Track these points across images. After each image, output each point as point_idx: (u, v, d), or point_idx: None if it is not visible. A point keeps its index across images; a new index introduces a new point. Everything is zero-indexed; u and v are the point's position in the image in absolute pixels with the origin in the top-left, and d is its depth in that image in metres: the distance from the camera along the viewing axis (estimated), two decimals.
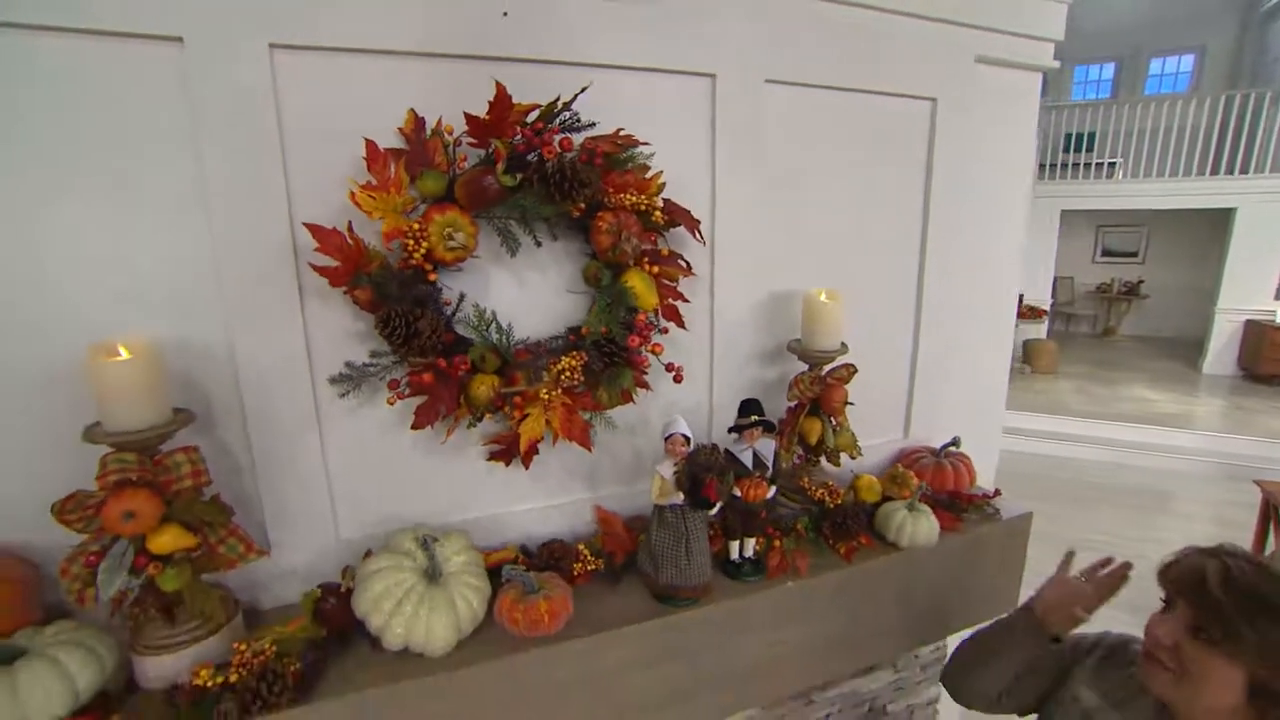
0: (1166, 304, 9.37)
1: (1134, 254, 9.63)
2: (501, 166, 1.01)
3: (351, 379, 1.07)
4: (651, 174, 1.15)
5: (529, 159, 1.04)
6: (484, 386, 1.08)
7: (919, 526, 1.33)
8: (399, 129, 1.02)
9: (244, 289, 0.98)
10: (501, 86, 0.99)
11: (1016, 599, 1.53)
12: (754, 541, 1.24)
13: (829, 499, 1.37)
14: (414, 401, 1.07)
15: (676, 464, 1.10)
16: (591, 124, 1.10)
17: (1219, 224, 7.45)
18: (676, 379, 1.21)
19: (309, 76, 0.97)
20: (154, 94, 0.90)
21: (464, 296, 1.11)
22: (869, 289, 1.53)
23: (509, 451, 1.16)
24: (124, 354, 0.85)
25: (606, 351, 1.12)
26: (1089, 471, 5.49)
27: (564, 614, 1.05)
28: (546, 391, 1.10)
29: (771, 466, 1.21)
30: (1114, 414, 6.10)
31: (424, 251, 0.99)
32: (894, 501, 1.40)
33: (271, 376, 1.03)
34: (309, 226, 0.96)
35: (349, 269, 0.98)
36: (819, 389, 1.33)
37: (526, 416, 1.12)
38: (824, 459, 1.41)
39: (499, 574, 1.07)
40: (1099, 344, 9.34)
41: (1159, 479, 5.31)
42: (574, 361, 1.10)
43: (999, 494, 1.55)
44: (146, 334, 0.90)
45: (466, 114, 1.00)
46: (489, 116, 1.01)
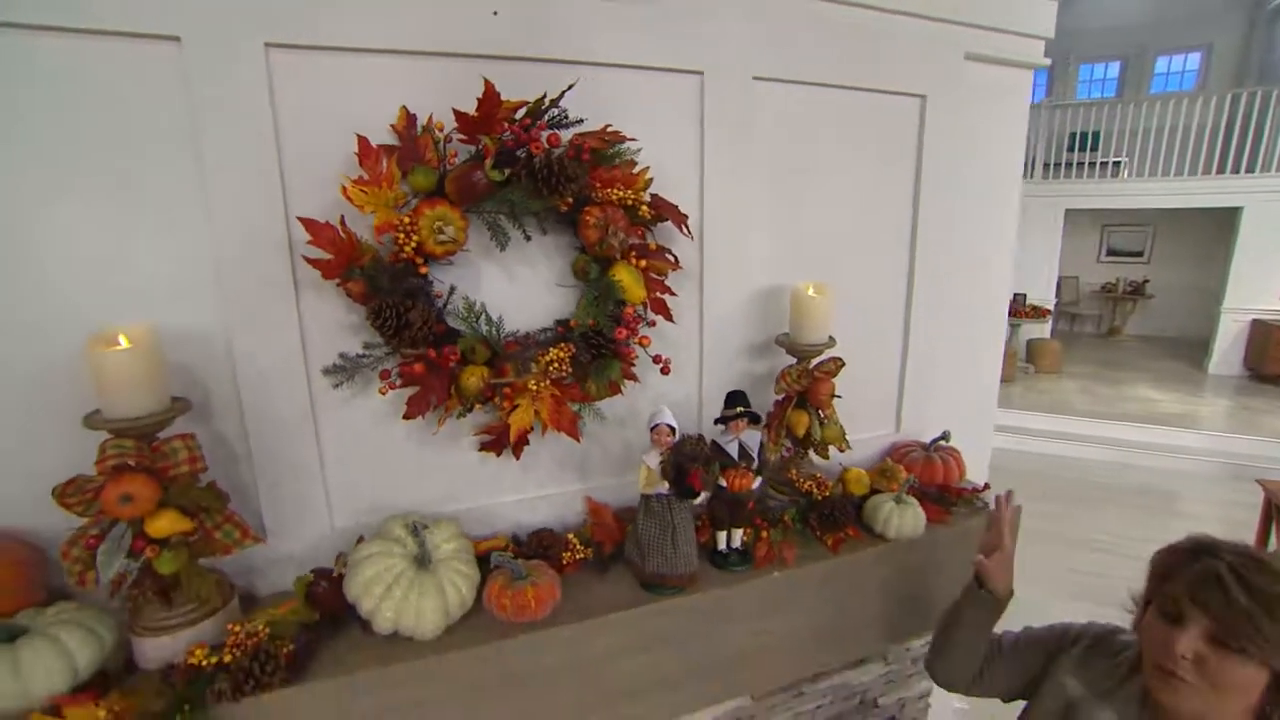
0: (1172, 304, 9.30)
1: (1139, 253, 9.56)
2: (490, 162, 1.03)
3: (345, 370, 1.10)
4: (638, 169, 1.17)
5: (518, 154, 1.07)
6: (474, 377, 1.10)
7: (905, 518, 1.34)
8: (391, 126, 1.04)
9: (241, 283, 1.01)
10: (490, 84, 1.02)
11: None
12: (741, 532, 1.26)
13: (817, 491, 1.38)
14: (406, 393, 1.09)
15: (662, 454, 1.12)
16: (579, 120, 1.12)
17: (1225, 223, 7.39)
18: (664, 371, 1.23)
19: (304, 75, 1.00)
20: (153, 93, 0.93)
21: (454, 289, 1.13)
22: (860, 285, 1.54)
23: (500, 442, 1.18)
24: (124, 342, 0.88)
25: (594, 344, 1.14)
26: (1094, 471, 5.46)
27: (551, 600, 1.07)
28: (535, 382, 1.12)
29: (758, 458, 1.23)
30: (1119, 414, 6.07)
31: (415, 245, 1.01)
32: (882, 494, 1.41)
33: (267, 368, 1.06)
34: (303, 220, 0.99)
35: (342, 262, 1.01)
36: (806, 382, 1.35)
37: (516, 407, 1.14)
38: (812, 452, 1.42)
39: (490, 562, 1.09)
40: (1104, 344, 9.28)
41: (1164, 479, 5.28)
42: (562, 353, 1.12)
43: (988, 488, 1.56)
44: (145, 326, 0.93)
45: (456, 111, 1.03)
46: (478, 113, 1.03)
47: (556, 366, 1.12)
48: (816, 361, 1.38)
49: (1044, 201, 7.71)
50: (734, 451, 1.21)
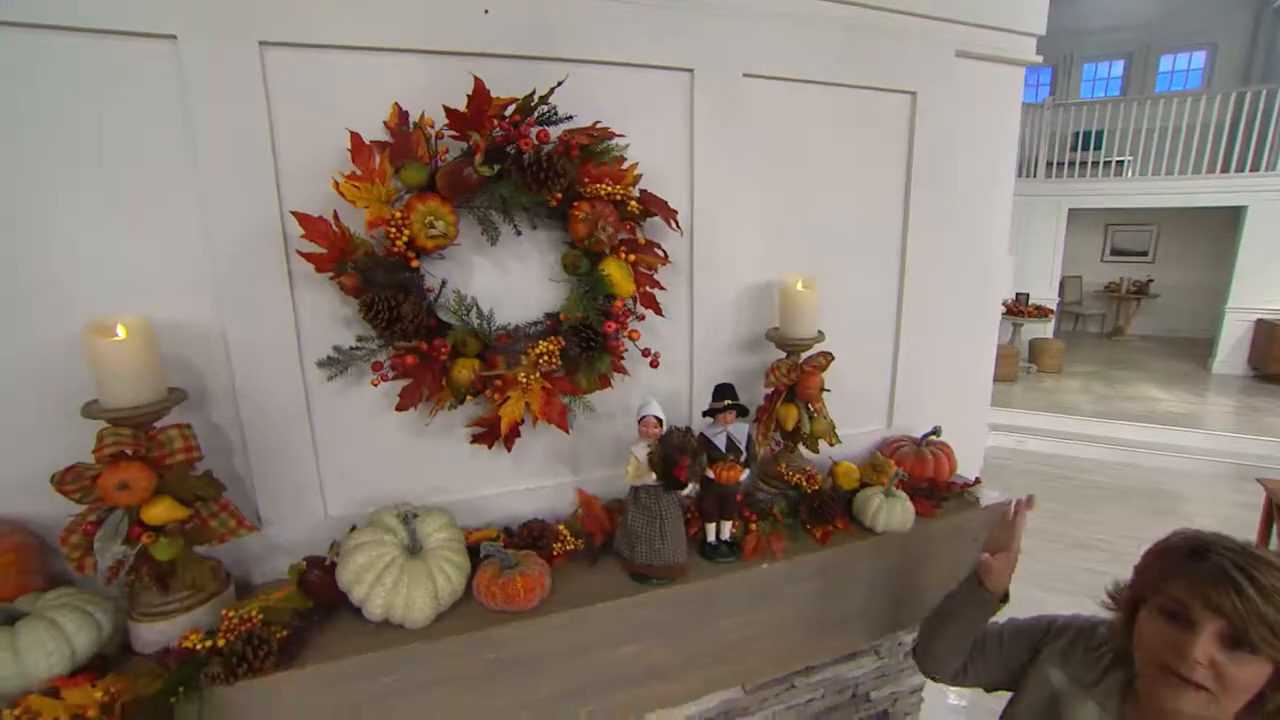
0: (1176, 303, 9.25)
1: (1143, 253, 9.52)
2: (480, 158, 1.05)
3: (339, 362, 1.12)
4: (627, 165, 1.18)
5: (507, 150, 1.08)
6: (465, 370, 1.12)
7: (894, 512, 1.35)
8: (384, 122, 1.06)
9: (237, 276, 1.04)
10: (480, 81, 1.03)
11: None
12: (730, 524, 1.28)
13: (807, 485, 1.39)
14: (399, 385, 1.11)
15: (650, 446, 1.13)
16: (569, 117, 1.14)
17: (1230, 222, 7.36)
18: (653, 364, 1.25)
19: (298, 72, 1.02)
20: (149, 90, 0.96)
21: (446, 283, 1.15)
22: (852, 280, 1.56)
23: (491, 434, 1.20)
24: (122, 333, 0.90)
25: (584, 337, 1.16)
26: (1098, 471, 5.44)
27: (540, 590, 1.09)
28: (525, 375, 1.14)
29: (746, 450, 1.24)
30: (1122, 414, 6.04)
31: (406, 239, 1.03)
32: (871, 487, 1.42)
33: (263, 360, 1.08)
34: (296, 215, 1.01)
35: (335, 256, 1.03)
36: (795, 376, 1.36)
37: (507, 399, 1.16)
38: (802, 445, 1.44)
39: (480, 552, 1.11)
40: (1108, 343, 9.24)
41: (1168, 479, 5.25)
42: (551, 346, 1.14)
43: (979, 482, 1.57)
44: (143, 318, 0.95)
45: (446, 108, 1.05)
46: (468, 110, 1.05)
47: (546, 359, 1.13)
48: (806, 356, 1.39)
49: (1048, 201, 7.69)
50: (722, 444, 1.23)
